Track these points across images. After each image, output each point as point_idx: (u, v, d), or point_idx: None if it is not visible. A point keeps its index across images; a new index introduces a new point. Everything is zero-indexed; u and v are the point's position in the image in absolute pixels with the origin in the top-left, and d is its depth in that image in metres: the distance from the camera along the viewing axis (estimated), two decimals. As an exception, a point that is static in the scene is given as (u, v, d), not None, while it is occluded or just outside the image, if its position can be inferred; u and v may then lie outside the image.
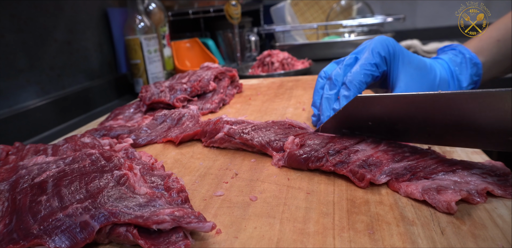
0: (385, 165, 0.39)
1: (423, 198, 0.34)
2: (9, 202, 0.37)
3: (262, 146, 0.47)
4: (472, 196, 0.33)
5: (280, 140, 0.47)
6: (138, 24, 0.96)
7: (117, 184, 0.36)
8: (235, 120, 0.54)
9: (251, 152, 0.50)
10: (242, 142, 0.49)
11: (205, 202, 0.38)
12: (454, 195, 0.33)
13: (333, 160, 0.40)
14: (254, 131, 0.49)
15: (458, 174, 0.37)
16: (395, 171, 0.38)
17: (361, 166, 0.39)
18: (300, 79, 0.94)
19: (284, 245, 0.30)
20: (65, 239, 0.30)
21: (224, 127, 0.52)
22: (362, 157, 0.40)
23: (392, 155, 0.40)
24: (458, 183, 0.35)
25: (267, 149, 0.47)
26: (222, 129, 0.52)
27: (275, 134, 0.48)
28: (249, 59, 1.43)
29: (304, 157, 0.42)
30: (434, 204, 0.33)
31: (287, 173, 0.43)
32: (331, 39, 1.36)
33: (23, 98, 0.73)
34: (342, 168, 0.39)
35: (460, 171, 0.37)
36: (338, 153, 0.41)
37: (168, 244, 0.30)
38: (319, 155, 0.41)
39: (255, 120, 0.56)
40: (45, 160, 0.46)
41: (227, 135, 0.51)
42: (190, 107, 0.70)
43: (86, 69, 0.93)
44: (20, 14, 0.73)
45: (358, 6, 1.60)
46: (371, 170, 0.38)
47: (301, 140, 0.45)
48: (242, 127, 0.51)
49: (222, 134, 0.51)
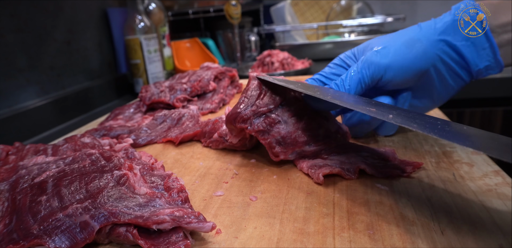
0: (298, 146, 0.44)
1: (307, 172, 0.41)
2: (9, 202, 0.37)
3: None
4: (344, 172, 0.40)
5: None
6: (138, 24, 0.96)
7: (117, 184, 0.36)
8: None
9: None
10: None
11: (205, 202, 0.38)
12: (326, 169, 0.40)
13: (255, 127, 0.43)
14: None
15: (346, 156, 0.43)
16: (304, 153, 0.44)
17: (278, 142, 0.43)
18: (300, 79, 0.94)
19: (284, 245, 0.30)
20: (65, 239, 0.30)
21: (222, 126, 0.52)
22: (282, 132, 0.43)
23: (307, 138, 0.44)
24: (342, 162, 0.42)
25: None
26: (219, 129, 0.52)
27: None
28: (249, 59, 1.43)
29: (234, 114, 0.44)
30: (312, 176, 0.40)
31: (287, 173, 0.43)
32: (331, 39, 1.36)
33: (23, 98, 0.73)
34: (262, 138, 0.43)
35: (351, 153, 0.43)
36: (262, 118, 0.44)
37: (168, 244, 0.30)
38: (245, 117, 0.43)
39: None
40: (45, 160, 0.46)
41: (219, 136, 0.51)
42: (190, 107, 0.70)
43: (86, 69, 0.93)
44: (20, 14, 0.73)
45: (358, 6, 1.60)
46: (285, 149, 0.43)
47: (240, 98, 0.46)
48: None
49: (217, 136, 0.51)
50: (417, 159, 0.43)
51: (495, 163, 0.41)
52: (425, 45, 0.43)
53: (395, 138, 0.50)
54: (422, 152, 0.45)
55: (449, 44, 0.43)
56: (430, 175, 0.40)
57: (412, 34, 0.45)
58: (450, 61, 0.43)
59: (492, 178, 0.38)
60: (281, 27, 1.40)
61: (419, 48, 0.43)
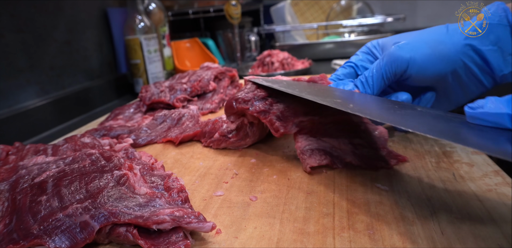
0: (296, 117, 0.44)
1: (299, 157, 0.42)
2: (9, 202, 0.37)
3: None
4: (331, 162, 0.42)
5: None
6: (138, 24, 0.96)
7: (117, 184, 0.36)
8: None
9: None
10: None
11: (205, 202, 0.38)
12: (314, 161, 0.42)
13: (257, 108, 0.45)
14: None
15: (338, 141, 0.44)
16: (302, 124, 0.44)
17: (278, 118, 0.44)
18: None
19: (284, 245, 0.30)
20: (65, 239, 0.30)
21: (222, 126, 0.52)
22: (281, 107, 0.45)
23: (304, 108, 0.44)
24: (333, 148, 0.43)
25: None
26: (219, 129, 0.52)
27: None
28: (249, 59, 1.43)
29: (235, 98, 0.46)
30: (303, 164, 0.42)
31: (287, 173, 0.43)
32: (331, 39, 1.36)
33: (23, 98, 0.73)
34: (263, 117, 0.45)
35: (343, 139, 0.44)
36: (263, 100, 0.45)
37: (168, 244, 0.30)
38: (246, 98, 0.45)
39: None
40: (45, 160, 0.46)
41: (221, 135, 0.51)
42: (190, 107, 0.70)
43: (86, 69, 0.93)
44: (20, 14, 0.73)
45: (358, 6, 1.59)
46: (285, 122, 0.44)
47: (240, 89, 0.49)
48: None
49: (218, 135, 0.52)
50: (417, 159, 0.43)
51: (495, 163, 0.41)
52: (449, 49, 0.43)
53: (395, 138, 0.50)
54: (422, 152, 0.45)
55: (474, 49, 0.42)
56: (430, 175, 0.40)
57: (437, 35, 0.44)
58: (473, 66, 0.43)
59: (492, 178, 0.38)
60: (281, 27, 1.40)
61: (442, 51, 0.43)
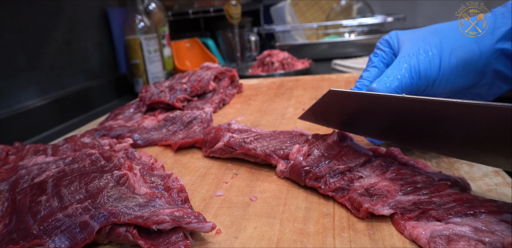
0: (390, 196, 0.33)
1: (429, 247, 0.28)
2: (9, 202, 0.37)
3: (267, 156, 0.43)
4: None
5: (286, 148, 0.43)
6: (138, 24, 0.96)
7: (117, 184, 0.36)
8: (239, 128, 0.51)
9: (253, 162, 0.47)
10: (244, 152, 0.45)
11: (205, 202, 0.38)
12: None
13: (332, 185, 0.36)
14: (257, 140, 0.46)
15: (481, 219, 0.29)
16: (401, 205, 0.32)
17: (361, 195, 0.34)
18: (300, 79, 0.94)
19: (284, 245, 0.30)
20: (65, 239, 0.30)
21: (224, 135, 0.48)
22: (365, 185, 0.35)
23: (400, 186, 0.34)
24: (480, 231, 0.28)
25: (272, 158, 0.43)
26: (222, 138, 0.48)
27: (281, 143, 0.44)
28: (249, 59, 1.43)
29: (306, 170, 0.38)
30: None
31: (287, 173, 0.43)
32: (331, 39, 1.36)
33: (23, 98, 0.73)
34: (340, 196, 0.35)
35: (485, 215, 0.29)
36: (340, 176, 0.37)
37: (168, 244, 0.30)
38: (319, 174, 0.38)
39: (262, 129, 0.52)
40: (45, 160, 0.46)
41: (226, 146, 0.47)
42: (205, 109, 0.67)
43: (86, 69, 0.93)
44: (20, 14, 0.73)
45: (358, 6, 1.59)
46: (372, 201, 0.33)
47: (309, 148, 0.42)
48: (244, 136, 0.47)
49: (222, 144, 0.47)
50: (417, 159, 0.43)
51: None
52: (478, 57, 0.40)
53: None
54: (423, 152, 0.45)
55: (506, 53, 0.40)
56: (430, 175, 0.39)
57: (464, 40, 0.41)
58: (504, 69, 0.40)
59: (492, 178, 0.38)
60: (281, 27, 1.40)
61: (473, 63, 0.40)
